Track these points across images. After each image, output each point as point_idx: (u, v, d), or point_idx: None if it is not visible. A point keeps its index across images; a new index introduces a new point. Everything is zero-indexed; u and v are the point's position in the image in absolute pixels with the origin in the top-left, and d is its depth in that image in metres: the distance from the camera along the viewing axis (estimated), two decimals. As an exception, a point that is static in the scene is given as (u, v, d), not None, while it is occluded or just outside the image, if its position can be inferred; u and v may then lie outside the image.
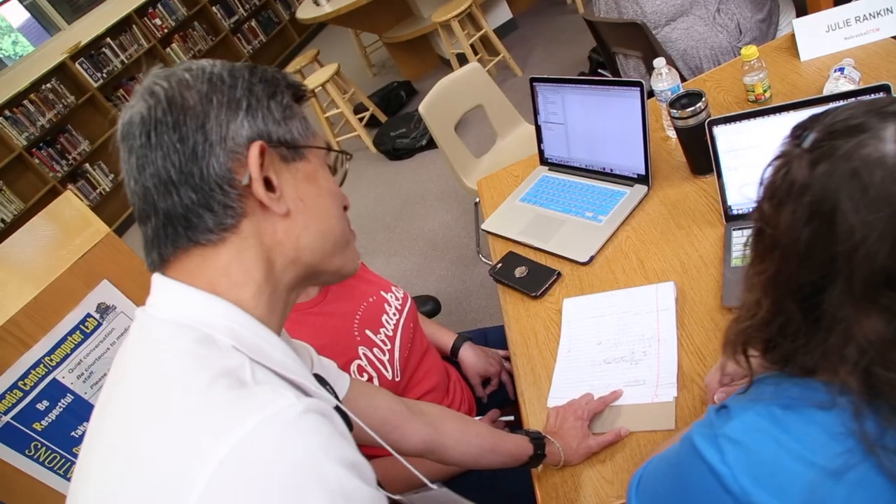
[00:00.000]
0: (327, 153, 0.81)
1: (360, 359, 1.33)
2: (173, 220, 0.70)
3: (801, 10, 2.49)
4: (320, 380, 0.88)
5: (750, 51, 1.66)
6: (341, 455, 0.63)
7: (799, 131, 0.72)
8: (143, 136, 0.70)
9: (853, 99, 0.72)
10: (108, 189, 6.37)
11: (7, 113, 5.89)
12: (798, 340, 0.70)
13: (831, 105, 1.25)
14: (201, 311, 0.70)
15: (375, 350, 1.37)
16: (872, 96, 1.23)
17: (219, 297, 0.71)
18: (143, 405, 0.65)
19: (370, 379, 1.33)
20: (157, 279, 0.73)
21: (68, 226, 1.95)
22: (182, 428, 0.60)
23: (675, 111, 1.52)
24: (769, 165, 0.76)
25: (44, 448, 1.76)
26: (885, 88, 1.23)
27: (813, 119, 0.71)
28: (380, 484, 0.89)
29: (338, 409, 0.80)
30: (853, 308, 0.64)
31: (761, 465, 0.67)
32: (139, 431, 0.63)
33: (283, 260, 0.75)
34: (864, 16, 1.74)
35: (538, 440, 1.19)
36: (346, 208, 0.85)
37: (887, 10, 1.70)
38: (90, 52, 6.50)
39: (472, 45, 4.64)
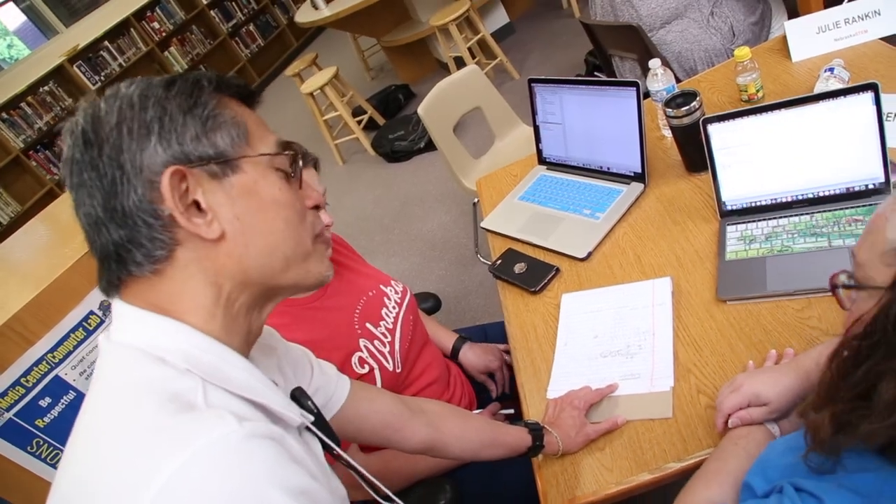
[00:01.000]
0: (270, 158, 0.74)
1: (361, 351, 1.35)
2: (107, 257, 0.70)
3: (793, 13, 2.52)
4: (299, 395, 0.84)
5: (743, 52, 1.70)
6: (287, 482, 0.61)
7: None
8: (71, 176, 0.69)
9: None
10: (105, 192, 6.38)
11: (4, 115, 5.92)
12: None
13: (820, 103, 1.30)
14: (155, 334, 0.68)
15: (376, 342, 1.39)
16: (863, 94, 1.27)
17: (172, 319, 0.69)
18: (96, 430, 0.64)
19: (371, 370, 1.35)
20: (115, 304, 0.72)
21: (70, 224, 1.96)
22: (129, 453, 0.60)
23: (670, 110, 1.55)
24: None
25: (46, 445, 1.78)
26: (872, 87, 1.27)
27: None
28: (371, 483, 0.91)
29: (317, 423, 0.80)
30: None
31: None
32: (91, 456, 0.63)
33: (230, 283, 0.72)
34: (853, 18, 1.77)
35: (536, 431, 1.21)
36: (317, 207, 0.81)
37: (875, 12, 1.74)
38: (88, 55, 6.53)
39: (469, 49, 4.68)
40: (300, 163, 0.78)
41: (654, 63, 1.74)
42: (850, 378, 0.68)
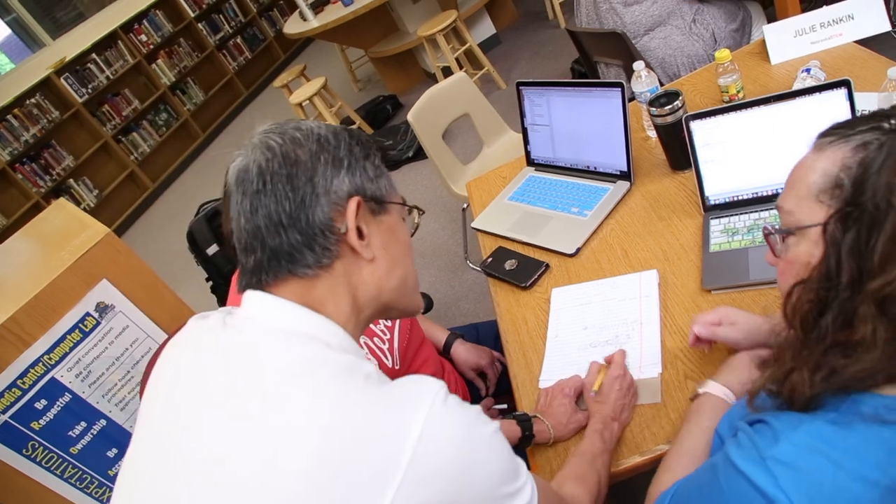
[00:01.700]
0: (403, 208, 0.93)
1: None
2: (279, 255, 0.81)
3: (773, 21, 2.59)
4: None
5: (724, 54, 1.75)
6: (476, 411, 0.77)
7: (883, 120, 0.72)
8: (259, 183, 0.81)
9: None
10: (92, 204, 6.37)
11: (-9, 129, 5.90)
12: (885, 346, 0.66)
13: (797, 99, 1.35)
14: (312, 324, 0.81)
15: (376, 339, 1.43)
16: (837, 90, 1.32)
17: (323, 316, 0.82)
18: (303, 395, 0.73)
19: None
20: (256, 295, 0.83)
21: (67, 227, 1.99)
22: (370, 414, 0.71)
23: (654, 109, 1.59)
24: (846, 154, 0.72)
25: (41, 448, 1.78)
26: (845, 84, 1.32)
27: (884, 112, 0.73)
28: None
29: None
30: None
31: (819, 488, 0.66)
32: (310, 416, 0.71)
33: (365, 297, 0.86)
34: (828, 22, 1.84)
35: (525, 422, 1.25)
36: None
37: (849, 16, 1.81)
38: (75, 67, 6.52)
39: (456, 59, 4.73)
40: (418, 219, 0.99)
41: (639, 65, 1.79)
42: (818, 329, 0.72)
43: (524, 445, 1.25)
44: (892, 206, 0.65)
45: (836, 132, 0.75)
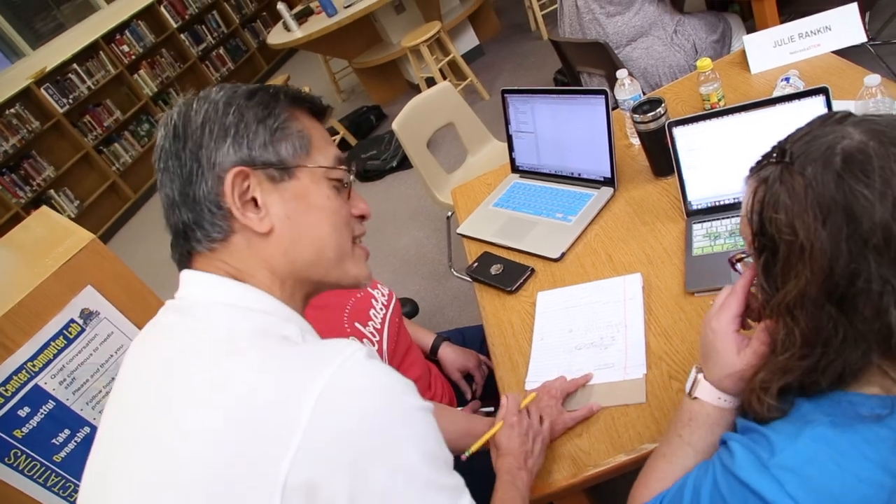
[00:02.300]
0: (323, 171, 0.85)
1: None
2: (178, 233, 0.83)
3: (752, 32, 2.65)
4: None
5: (705, 62, 1.78)
6: (404, 381, 0.74)
7: (772, 154, 0.77)
8: (159, 162, 0.82)
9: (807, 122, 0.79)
10: (73, 215, 6.32)
11: (-29, 139, 5.84)
12: (844, 346, 0.70)
13: (778, 106, 1.38)
14: (235, 293, 0.80)
15: (364, 341, 1.43)
16: (815, 97, 1.35)
17: (246, 283, 0.81)
18: (216, 364, 0.72)
19: None
20: (186, 273, 0.84)
21: (50, 234, 1.97)
22: (272, 374, 0.69)
23: (637, 116, 1.62)
24: (754, 191, 0.78)
25: (24, 456, 1.76)
26: (824, 91, 1.35)
27: (779, 144, 0.78)
28: None
29: None
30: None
31: (828, 491, 0.67)
32: (224, 378, 0.70)
33: (281, 270, 0.83)
34: (807, 33, 1.88)
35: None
36: (363, 217, 0.92)
37: (826, 27, 1.85)
38: (56, 77, 6.48)
39: (440, 70, 4.76)
40: (351, 176, 0.91)
41: (622, 73, 1.82)
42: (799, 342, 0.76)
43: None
44: (780, 237, 0.73)
45: (753, 167, 0.81)
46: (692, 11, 2.95)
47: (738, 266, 0.89)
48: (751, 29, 2.76)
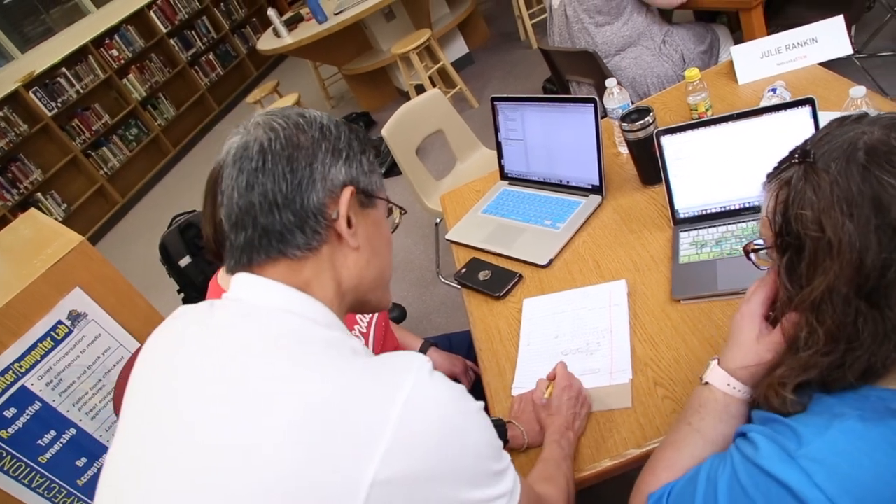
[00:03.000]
0: (388, 205, 0.97)
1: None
2: (270, 234, 0.84)
3: (740, 43, 2.68)
4: None
5: (693, 72, 1.80)
6: (461, 388, 0.79)
7: (793, 156, 0.78)
8: (259, 161, 0.83)
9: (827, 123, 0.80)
10: (60, 218, 6.27)
11: (-41, 142, 5.81)
12: (873, 340, 0.71)
13: (764, 116, 1.40)
14: (298, 303, 0.83)
15: None
16: (802, 108, 1.37)
17: (309, 295, 0.84)
18: (292, 363, 0.75)
19: None
20: (245, 276, 0.85)
21: (39, 236, 1.97)
22: (357, 382, 0.73)
23: (626, 125, 1.64)
24: (776, 193, 0.79)
25: (9, 457, 1.75)
26: (810, 101, 1.37)
27: (798, 146, 0.79)
28: None
29: None
30: None
31: (859, 483, 0.66)
32: (309, 386, 0.73)
33: (348, 284, 0.89)
34: (793, 44, 1.91)
35: (500, 427, 1.26)
36: None
37: (813, 39, 1.88)
38: (45, 81, 6.45)
39: (430, 78, 4.78)
40: (399, 218, 1.01)
41: (611, 82, 1.84)
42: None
43: None
44: (806, 234, 0.74)
45: (771, 172, 0.82)
46: (681, 22, 2.99)
47: (752, 257, 0.90)
48: (738, 40, 2.80)
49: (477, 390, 1.45)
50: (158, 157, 7.39)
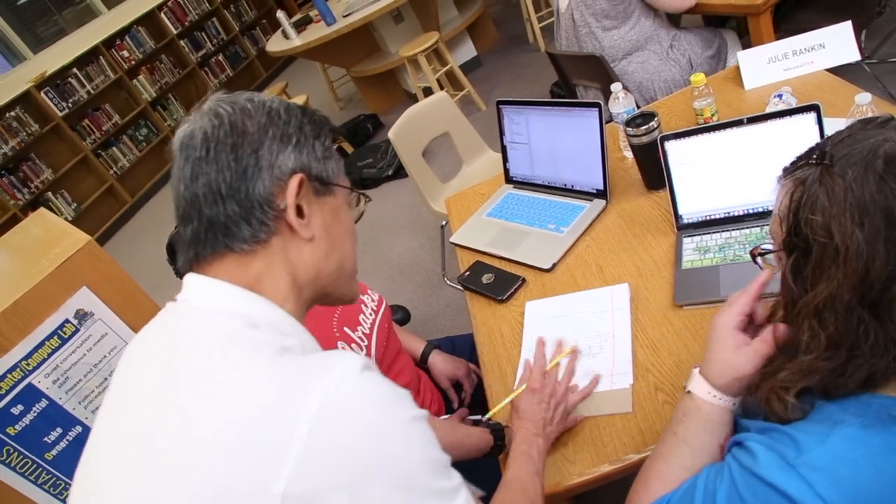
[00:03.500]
0: (350, 193, 0.92)
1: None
2: (215, 227, 0.80)
3: (748, 48, 2.68)
4: None
5: (698, 77, 1.81)
6: (400, 391, 0.75)
7: (811, 155, 0.77)
8: (203, 150, 0.79)
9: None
10: (70, 218, 6.31)
11: (-29, 141, 5.87)
12: (874, 350, 0.70)
13: (769, 122, 1.40)
14: (242, 303, 0.80)
15: (353, 346, 1.45)
16: (807, 114, 1.37)
17: (259, 295, 0.81)
18: (215, 372, 0.72)
19: None
20: (192, 277, 0.82)
21: (48, 236, 1.98)
22: (269, 386, 0.69)
23: (630, 129, 1.64)
24: (790, 191, 0.78)
25: (16, 453, 1.77)
26: (815, 108, 1.37)
27: (818, 146, 0.78)
28: None
29: None
30: None
31: (862, 491, 0.66)
32: (219, 394, 0.70)
33: (304, 278, 0.85)
34: (800, 50, 1.91)
35: (498, 431, 1.27)
36: None
37: (820, 45, 1.88)
38: (56, 81, 6.50)
39: (437, 81, 4.79)
40: (364, 205, 0.97)
41: (616, 87, 1.84)
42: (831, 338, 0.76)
43: (495, 454, 1.28)
44: (814, 239, 0.73)
45: (787, 168, 0.81)
46: (688, 27, 2.98)
47: (759, 260, 0.90)
48: (746, 45, 2.78)
49: (479, 393, 1.46)
50: (168, 158, 7.42)
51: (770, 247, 0.86)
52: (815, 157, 0.76)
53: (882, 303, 0.69)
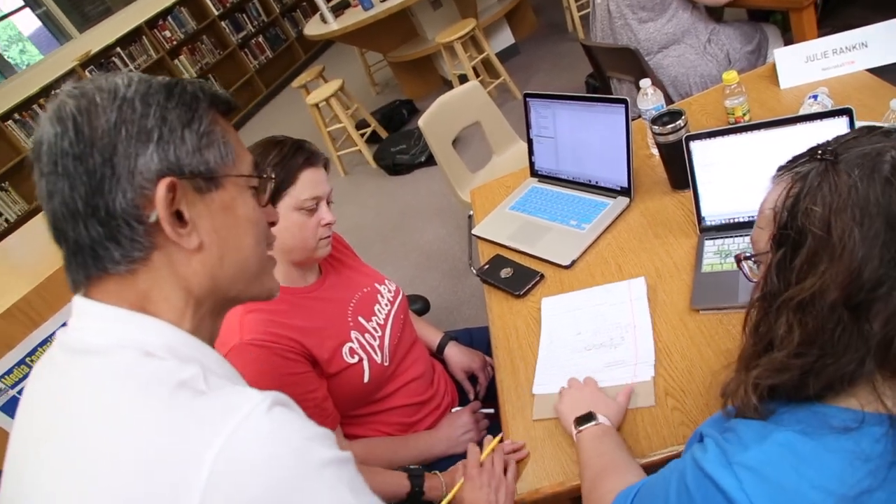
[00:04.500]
0: (249, 178, 0.78)
1: (352, 342, 1.42)
2: (82, 250, 0.69)
3: (790, 44, 2.60)
4: None
5: (731, 76, 1.76)
6: (313, 432, 0.66)
7: (815, 152, 0.77)
8: (50, 164, 0.68)
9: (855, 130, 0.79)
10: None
11: (16, 116, 6.03)
12: (845, 350, 0.70)
13: (798, 125, 1.36)
14: (135, 330, 0.69)
15: (367, 336, 1.46)
16: (839, 118, 1.33)
17: (150, 316, 0.71)
18: (103, 426, 0.63)
19: (360, 361, 1.42)
20: (79, 302, 0.72)
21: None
22: (160, 440, 0.61)
23: (656, 127, 1.61)
24: (788, 187, 0.77)
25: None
26: (847, 112, 1.33)
27: (820, 145, 0.78)
28: None
29: None
30: None
31: (781, 495, 0.68)
32: (107, 450, 0.62)
33: (200, 291, 0.74)
34: (841, 49, 1.84)
35: (416, 478, 1.29)
36: (272, 224, 0.84)
37: (862, 44, 1.81)
38: (100, 60, 6.64)
39: (473, 68, 4.76)
40: (270, 184, 0.84)
41: (645, 83, 1.80)
42: (757, 337, 0.80)
43: (412, 502, 1.29)
44: (810, 230, 0.72)
45: (785, 166, 0.81)
46: (729, 20, 2.91)
47: (744, 265, 0.89)
48: (789, 42, 2.71)
49: (494, 386, 1.46)
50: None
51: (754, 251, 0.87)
52: (819, 153, 0.76)
53: (863, 306, 0.69)
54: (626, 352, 1.33)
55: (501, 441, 1.26)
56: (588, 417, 1.17)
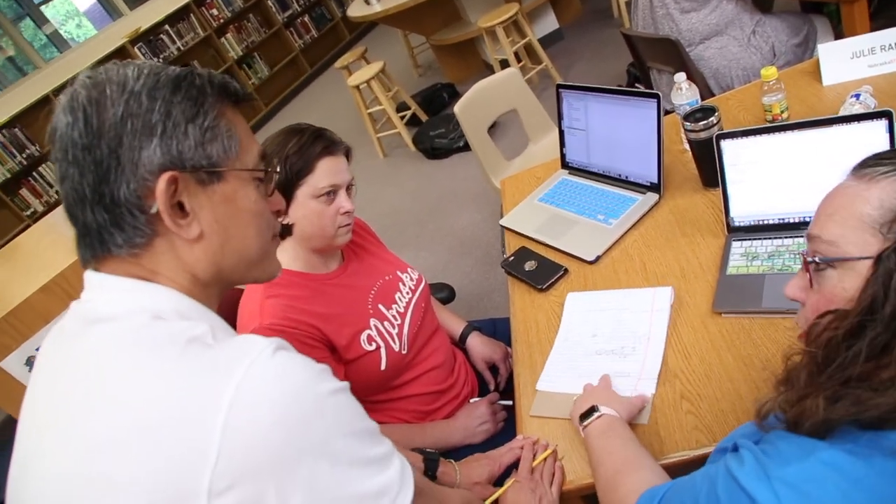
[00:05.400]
0: (250, 174, 0.81)
1: (371, 329, 1.43)
2: (90, 233, 0.74)
3: (841, 38, 2.52)
4: None
5: (769, 72, 1.72)
6: (315, 368, 0.72)
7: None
8: (61, 151, 0.72)
9: None
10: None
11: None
12: None
13: (834, 127, 1.32)
14: (144, 297, 0.75)
15: (386, 323, 1.47)
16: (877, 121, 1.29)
17: (160, 284, 0.76)
18: (122, 381, 0.68)
19: (378, 349, 1.44)
20: (90, 275, 0.77)
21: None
22: (177, 389, 0.66)
23: (688, 124, 1.58)
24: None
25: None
26: (887, 115, 1.28)
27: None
28: None
29: None
30: None
31: None
32: (129, 400, 0.67)
33: (204, 275, 0.78)
34: (890, 45, 1.76)
35: (432, 461, 1.31)
36: (277, 213, 0.88)
37: (913, 40, 1.74)
38: (149, 37, 6.76)
39: (515, 53, 4.72)
40: (274, 178, 0.87)
41: (679, 77, 1.77)
42: (843, 358, 0.70)
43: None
44: None
45: (885, 162, 0.74)
46: (778, 11, 2.82)
47: (811, 270, 0.80)
48: (840, 36, 2.62)
49: (513, 379, 1.47)
50: (250, 115, 7.59)
51: (833, 254, 0.76)
52: None
53: None
54: (634, 364, 1.32)
55: (555, 452, 1.27)
56: (590, 411, 1.17)
